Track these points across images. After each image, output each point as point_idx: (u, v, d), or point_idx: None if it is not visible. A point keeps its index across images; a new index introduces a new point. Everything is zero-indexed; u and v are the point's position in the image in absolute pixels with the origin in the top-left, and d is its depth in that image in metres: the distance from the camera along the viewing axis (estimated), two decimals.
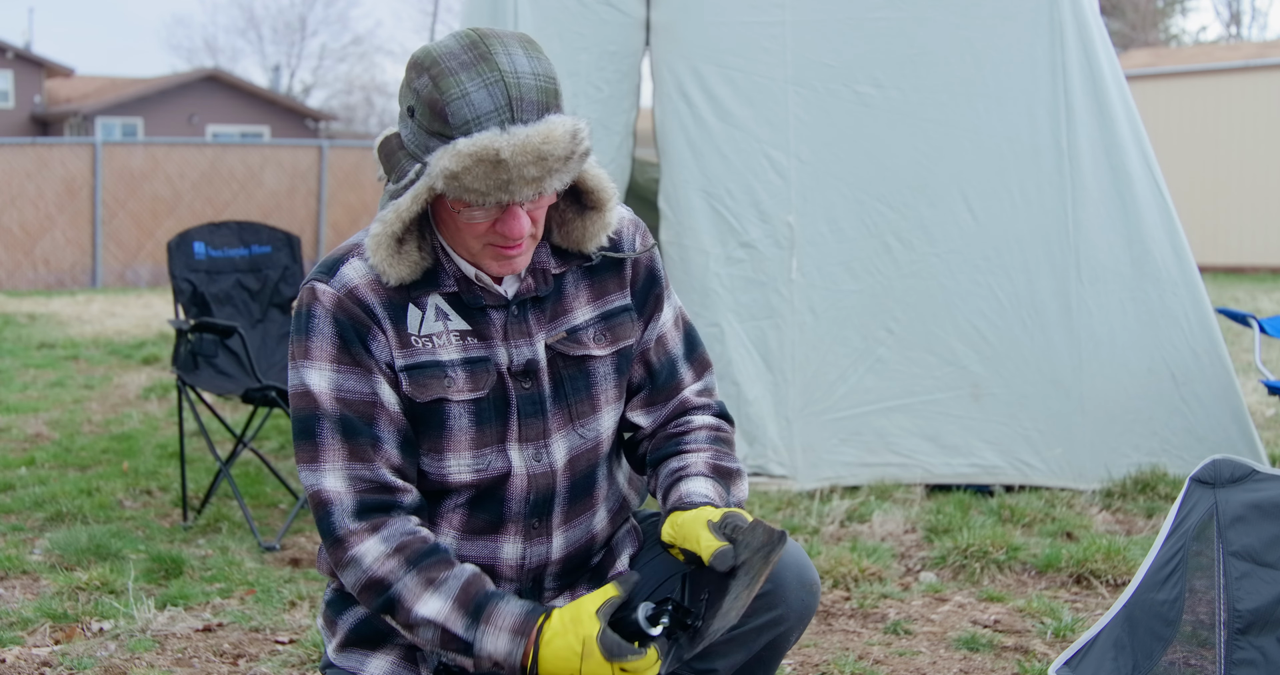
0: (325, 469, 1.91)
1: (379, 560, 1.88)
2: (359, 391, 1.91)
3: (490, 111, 1.76)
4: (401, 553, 1.88)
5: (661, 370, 2.13)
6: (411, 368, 1.93)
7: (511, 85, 1.77)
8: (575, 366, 2.03)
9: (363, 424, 1.91)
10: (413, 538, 1.90)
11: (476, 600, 1.86)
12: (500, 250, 1.89)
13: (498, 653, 1.84)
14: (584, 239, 2.01)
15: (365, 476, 1.91)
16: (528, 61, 1.80)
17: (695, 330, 2.21)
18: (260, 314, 5.17)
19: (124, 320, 12.04)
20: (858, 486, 4.81)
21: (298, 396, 1.93)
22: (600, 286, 2.07)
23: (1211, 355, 4.88)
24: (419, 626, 1.87)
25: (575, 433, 2.03)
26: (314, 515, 1.93)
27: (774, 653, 2.09)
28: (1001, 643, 3.35)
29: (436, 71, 1.79)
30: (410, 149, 1.84)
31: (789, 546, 2.04)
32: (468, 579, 1.88)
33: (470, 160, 1.75)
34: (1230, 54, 18.91)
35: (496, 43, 1.80)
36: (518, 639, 1.83)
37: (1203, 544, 2.69)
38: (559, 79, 1.84)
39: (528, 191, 1.79)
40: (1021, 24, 4.90)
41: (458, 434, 1.96)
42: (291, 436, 1.98)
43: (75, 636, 3.39)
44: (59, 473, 5.47)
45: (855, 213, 4.91)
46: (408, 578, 1.87)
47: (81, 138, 24.52)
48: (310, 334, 1.92)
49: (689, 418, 2.14)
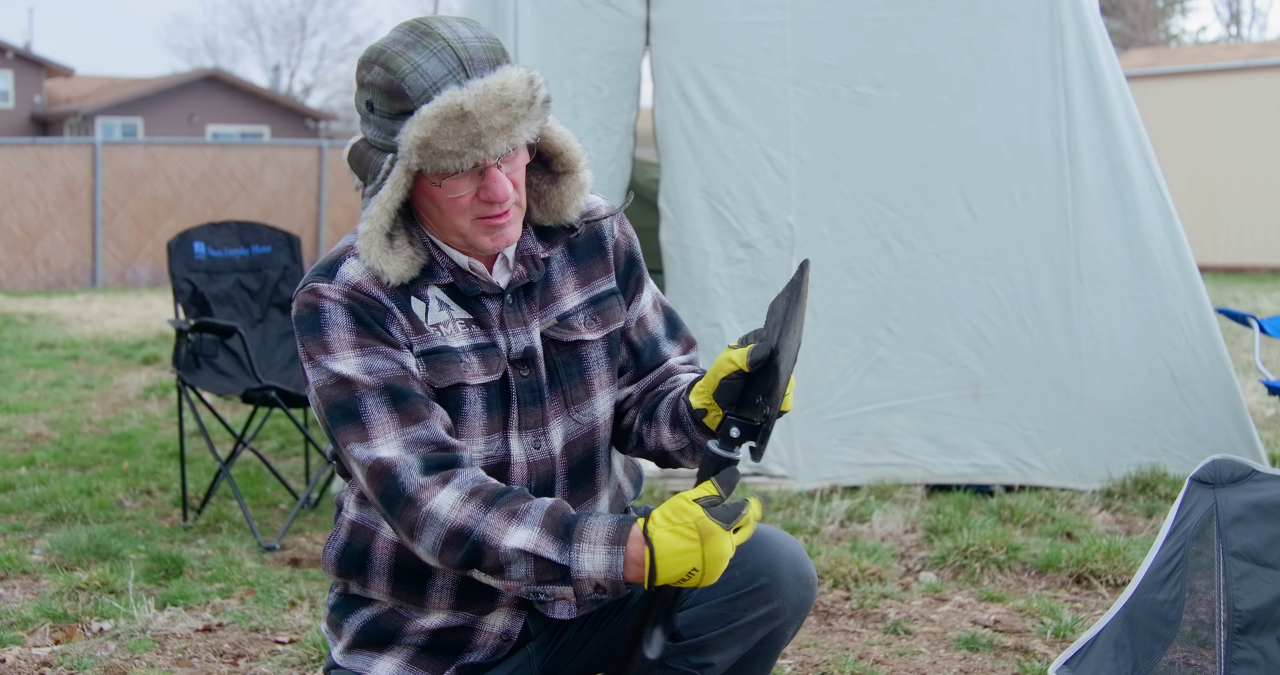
0: (378, 441, 1.86)
1: (455, 507, 1.83)
2: (389, 368, 1.89)
3: (444, 75, 1.80)
4: (477, 496, 1.84)
5: (645, 349, 2.15)
6: (428, 353, 1.94)
7: (459, 49, 1.82)
8: (568, 352, 2.04)
9: (407, 389, 1.89)
10: (485, 482, 1.87)
11: (565, 521, 1.82)
12: (489, 221, 1.90)
13: (596, 571, 1.79)
14: (563, 206, 2.03)
15: (424, 437, 1.87)
16: (469, 30, 1.86)
17: (675, 313, 2.23)
18: (260, 314, 5.17)
19: (124, 320, 12.04)
20: (858, 486, 4.81)
21: (329, 387, 1.89)
22: (586, 271, 2.09)
23: (1211, 355, 4.88)
24: (510, 564, 1.81)
25: (571, 418, 2.04)
26: (375, 487, 1.86)
27: (771, 647, 2.09)
28: (1001, 643, 3.35)
29: (384, 58, 1.83)
30: (379, 143, 1.87)
31: (785, 541, 2.05)
32: (551, 505, 1.85)
33: (437, 122, 1.78)
34: (1230, 54, 18.92)
35: (434, 21, 1.87)
36: (615, 549, 1.78)
37: (1203, 544, 2.69)
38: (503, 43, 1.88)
39: (500, 143, 1.81)
40: (1021, 24, 4.90)
41: (471, 419, 1.96)
42: (330, 423, 1.90)
43: (75, 636, 3.39)
44: (59, 473, 5.47)
45: (855, 213, 4.91)
46: (489, 516, 1.82)
47: (81, 138, 24.53)
48: (324, 328, 1.90)
49: (676, 376, 2.16)
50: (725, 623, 2.02)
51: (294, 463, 5.58)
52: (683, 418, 2.02)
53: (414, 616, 2.04)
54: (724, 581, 1.98)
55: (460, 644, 2.04)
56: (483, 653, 2.05)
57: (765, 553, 2.02)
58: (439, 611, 2.03)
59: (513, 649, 2.08)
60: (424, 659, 2.04)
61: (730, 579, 1.99)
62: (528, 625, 2.07)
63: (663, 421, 2.07)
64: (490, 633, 2.05)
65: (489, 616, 2.04)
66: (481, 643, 2.05)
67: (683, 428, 2.03)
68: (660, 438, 2.08)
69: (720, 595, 2.01)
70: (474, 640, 2.04)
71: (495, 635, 2.05)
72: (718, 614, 2.02)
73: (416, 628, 2.04)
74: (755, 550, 1.98)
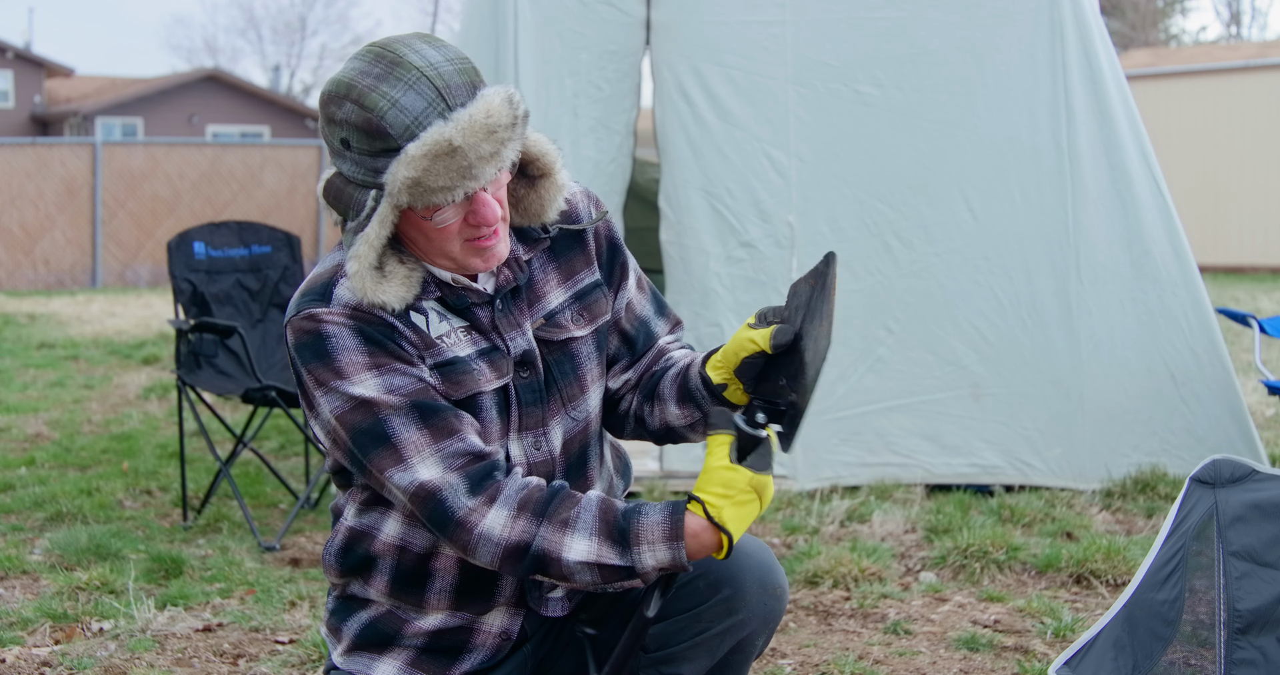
0: (416, 463, 1.85)
1: (508, 525, 1.83)
2: (409, 384, 1.87)
3: (425, 108, 1.75)
4: (525, 509, 1.84)
5: (638, 336, 2.15)
6: (440, 365, 1.92)
7: (434, 77, 1.77)
8: (560, 351, 2.03)
9: (433, 403, 1.87)
10: (528, 490, 1.87)
11: (618, 526, 1.83)
12: (479, 243, 1.87)
13: (660, 563, 1.82)
14: (542, 209, 1.99)
15: (459, 450, 1.86)
16: (436, 52, 1.80)
17: (655, 288, 2.22)
18: (260, 314, 5.17)
19: (124, 320, 12.04)
20: (858, 486, 4.81)
21: (352, 411, 1.86)
22: (568, 266, 2.06)
23: (1211, 355, 4.88)
24: (575, 573, 1.83)
25: (568, 416, 2.04)
26: (423, 510, 1.85)
27: (741, 657, 2.08)
28: (1001, 643, 3.34)
29: (356, 94, 1.77)
30: (359, 180, 1.82)
31: (753, 550, 2.04)
32: (600, 506, 1.86)
33: (426, 160, 1.74)
34: (1230, 54, 18.91)
35: (399, 46, 1.80)
36: (675, 544, 1.81)
37: (1203, 544, 2.69)
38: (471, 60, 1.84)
39: (489, 170, 1.78)
40: (1021, 24, 4.90)
41: (489, 426, 1.95)
42: (359, 451, 1.87)
43: (75, 636, 3.39)
44: (59, 473, 5.47)
45: (855, 212, 4.91)
46: (543, 530, 1.83)
47: (81, 138, 24.53)
48: (334, 354, 1.86)
49: (669, 354, 2.15)
50: (692, 634, 2.02)
51: (294, 463, 5.57)
52: (695, 392, 2.02)
53: (412, 618, 2.03)
54: (688, 593, 2.00)
55: (460, 645, 2.04)
56: (483, 653, 2.05)
57: (729, 563, 2.00)
58: (437, 612, 2.02)
59: (511, 650, 2.07)
60: (424, 661, 2.04)
61: (694, 591, 2.00)
62: (524, 625, 2.07)
63: (668, 398, 2.06)
64: (489, 632, 2.04)
65: (487, 616, 2.04)
66: (480, 643, 2.05)
67: (694, 402, 2.03)
68: (666, 415, 2.08)
69: (685, 607, 2.01)
70: (473, 641, 2.04)
71: (494, 635, 2.05)
72: (684, 626, 2.02)
73: (415, 629, 2.03)
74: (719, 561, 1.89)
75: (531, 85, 4.84)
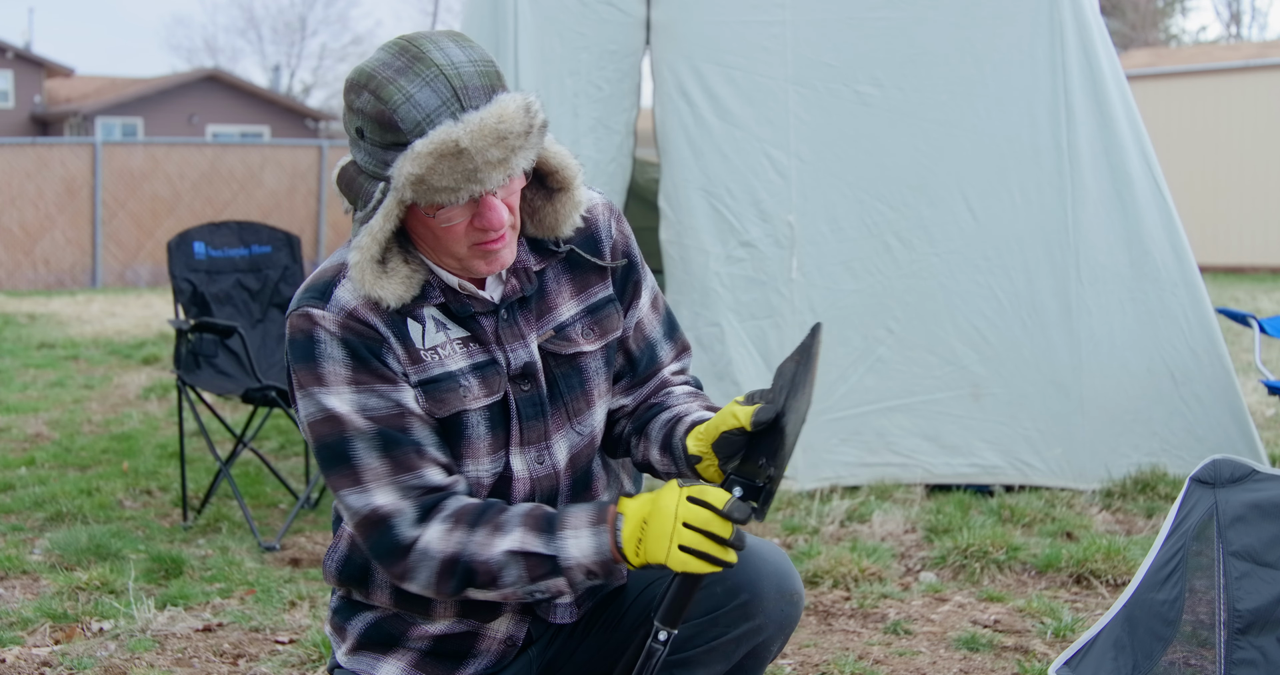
0: (373, 488, 1.86)
1: (443, 538, 1.84)
2: (384, 407, 1.87)
3: (438, 106, 1.74)
4: (461, 520, 1.85)
5: (642, 357, 2.12)
6: (426, 383, 1.90)
7: (452, 76, 1.75)
8: (568, 364, 2.01)
9: (399, 433, 1.87)
10: (465, 505, 1.88)
11: (546, 517, 1.84)
12: (485, 247, 1.86)
13: (585, 555, 1.81)
14: (558, 223, 1.97)
15: (415, 484, 1.87)
16: (461, 52, 1.78)
17: (672, 313, 2.20)
18: (260, 314, 5.17)
19: (124, 320, 12.04)
20: (858, 486, 4.81)
21: (321, 422, 1.87)
22: (582, 279, 2.04)
23: (1211, 355, 4.88)
24: (502, 570, 1.82)
25: (574, 431, 2.02)
26: (368, 534, 1.87)
27: (756, 662, 2.07)
28: (1001, 643, 3.35)
29: (375, 84, 1.76)
30: (370, 170, 1.81)
31: (770, 555, 2.03)
32: (530, 507, 1.87)
33: (432, 159, 1.73)
34: (1230, 54, 18.91)
35: (425, 42, 1.78)
36: (600, 528, 1.81)
37: (1203, 544, 2.69)
38: (496, 64, 1.82)
39: (496, 176, 1.76)
40: (1021, 24, 4.90)
41: (476, 441, 1.94)
42: (319, 461, 1.90)
43: (75, 636, 3.39)
44: (59, 473, 5.47)
45: (855, 212, 4.91)
46: (475, 536, 1.83)
47: (81, 138, 24.53)
48: (319, 360, 1.87)
49: (669, 389, 2.13)
50: (708, 639, 2.01)
51: (294, 463, 5.58)
52: (675, 451, 2.00)
53: (418, 622, 2.03)
54: (706, 597, 1.98)
55: (465, 650, 2.04)
56: (487, 658, 2.04)
57: (747, 568, 1.99)
58: (444, 619, 2.02)
59: (516, 655, 2.07)
60: (428, 664, 2.03)
61: (712, 595, 1.99)
62: (530, 630, 2.07)
63: (654, 442, 2.05)
64: (495, 638, 2.04)
65: (493, 623, 2.03)
66: (486, 648, 2.04)
67: (674, 460, 2.02)
68: (649, 455, 2.07)
69: (702, 611, 2.00)
70: (478, 646, 2.04)
71: (500, 641, 2.04)
72: (701, 630, 2.01)
73: (420, 632, 2.03)
74: (738, 565, 1.88)
75: (531, 85, 4.84)
